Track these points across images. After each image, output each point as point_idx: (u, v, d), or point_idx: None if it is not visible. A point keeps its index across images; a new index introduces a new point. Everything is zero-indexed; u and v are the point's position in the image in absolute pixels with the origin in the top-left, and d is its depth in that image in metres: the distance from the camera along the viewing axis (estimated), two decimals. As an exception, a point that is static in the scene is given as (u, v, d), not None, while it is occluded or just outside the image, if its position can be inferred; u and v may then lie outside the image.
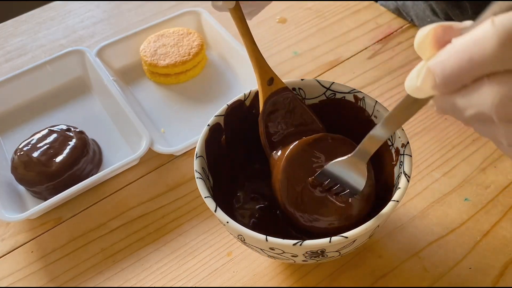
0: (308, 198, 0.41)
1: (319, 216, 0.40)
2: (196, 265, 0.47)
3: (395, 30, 0.67)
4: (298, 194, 0.41)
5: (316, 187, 0.41)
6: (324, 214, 0.40)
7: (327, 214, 0.40)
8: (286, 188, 0.41)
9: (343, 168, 0.39)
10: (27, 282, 0.47)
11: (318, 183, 0.41)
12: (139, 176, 0.55)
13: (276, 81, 0.45)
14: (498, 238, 0.46)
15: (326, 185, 0.40)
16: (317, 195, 0.41)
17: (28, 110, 0.63)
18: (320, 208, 0.40)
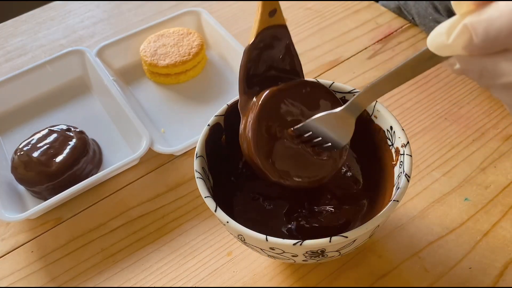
0: (283, 150, 0.39)
1: (291, 171, 0.39)
2: (196, 265, 0.47)
3: (395, 30, 0.67)
4: (271, 145, 0.39)
5: (294, 138, 0.39)
6: (298, 169, 0.39)
7: (301, 169, 0.39)
8: (258, 138, 0.38)
9: (330, 121, 0.37)
10: (27, 282, 0.47)
11: (297, 135, 0.39)
12: (139, 176, 0.55)
13: (278, 15, 0.40)
14: (498, 238, 0.46)
15: (307, 137, 0.38)
16: (293, 146, 0.39)
17: (28, 110, 0.63)
18: (294, 162, 0.39)
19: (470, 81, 0.59)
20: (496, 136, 0.53)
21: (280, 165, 0.39)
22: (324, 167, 0.40)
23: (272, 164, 0.39)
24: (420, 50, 0.28)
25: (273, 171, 0.39)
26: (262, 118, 0.39)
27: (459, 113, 0.56)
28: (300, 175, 0.40)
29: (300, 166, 0.40)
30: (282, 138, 0.39)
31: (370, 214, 0.42)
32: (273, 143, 0.39)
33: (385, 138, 0.42)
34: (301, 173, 0.40)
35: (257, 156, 0.39)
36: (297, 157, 0.40)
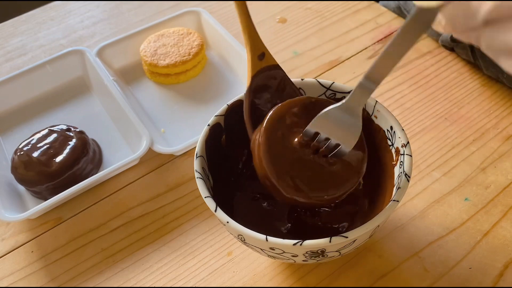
0: (295, 163, 0.38)
1: (306, 185, 0.38)
2: (196, 265, 0.47)
3: (395, 30, 0.67)
4: (282, 157, 0.38)
5: (303, 147, 0.38)
6: (313, 182, 0.38)
7: (316, 183, 0.38)
8: (268, 150, 0.38)
9: (337, 116, 0.36)
10: (27, 282, 0.47)
11: (306, 142, 0.38)
12: (139, 176, 0.55)
13: (268, 57, 0.42)
14: (498, 238, 0.46)
15: (316, 143, 0.37)
16: (304, 158, 0.38)
17: (28, 110, 0.63)
18: (308, 175, 0.38)
19: (470, 81, 0.59)
20: (496, 136, 0.53)
21: (294, 179, 0.38)
22: (339, 179, 0.38)
23: (285, 179, 0.38)
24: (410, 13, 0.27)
25: (286, 186, 0.38)
26: (269, 131, 0.39)
27: (459, 113, 0.56)
28: (315, 189, 0.38)
29: (316, 179, 0.38)
30: (293, 150, 0.38)
31: (370, 214, 0.42)
32: (284, 155, 0.38)
33: (385, 138, 0.42)
34: (316, 187, 0.38)
35: (267, 168, 0.38)
36: (311, 169, 0.38)
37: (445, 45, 0.62)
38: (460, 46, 0.60)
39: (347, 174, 0.39)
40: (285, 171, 0.38)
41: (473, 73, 0.60)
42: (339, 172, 0.38)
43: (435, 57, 0.63)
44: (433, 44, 0.64)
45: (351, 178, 0.39)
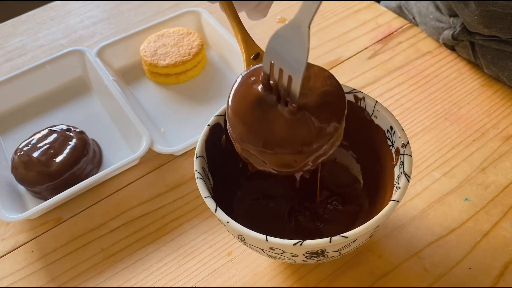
0: (261, 116, 0.36)
1: (275, 138, 0.35)
2: (196, 265, 0.47)
3: (395, 30, 0.67)
4: (249, 114, 0.36)
5: (266, 89, 0.36)
6: (283, 135, 0.35)
7: (286, 134, 0.35)
8: (234, 111, 0.36)
9: (285, 38, 0.33)
10: (27, 282, 0.47)
11: (267, 83, 0.36)
12: (139, 176, 0.55)
13: (262, 57, 0.42)
14: (498, 238, 0.46)
15: (272, 72, 0.35)
16: (270, 110, 0.35)
17: (28, 110, 0.63)
18: (276, 128, 0.35)
19: (470, 81, 0.59)
20: (496, 136, 0.53)
21: (260, 132, 0.35)
22: (313, 127, 0.35)
23: (251, 131, 0.36)
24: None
25: (254, 139, 0.36)
26: (234, 102, 0.37)
27: (459, 113, 0.56)
28: (285, 141, 0.35)
29: (284, 131, 0.35)
30: (260, 109, 0.36)
31: (370, 214, 0.42)
32: (253, 118, 0.36)
33: (385, 138, 0.42)
34: (286, 139, 0.35)
35: (234, 128, 0.36)
36: (281, 123, 0.35)
37: (446, 43, 0.62)
38: (461, 45, 0.60)
39: (321, 120, 0.35)
40: (258, 134, 0.36)
41: (473, 73, 0.60)
42: (312, 120, 0.35)
43: (435, 57, 0.63)
44: (433, 44, 0.64)
45: (328, 122, 0.35)
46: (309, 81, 0.37)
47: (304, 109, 0.35)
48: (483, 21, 0.53)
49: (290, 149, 0.35)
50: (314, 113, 0.35)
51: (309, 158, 0.36)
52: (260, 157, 0.37)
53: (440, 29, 0.61)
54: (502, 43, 0.54)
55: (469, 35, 0.57)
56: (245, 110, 0.37)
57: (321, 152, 0.36)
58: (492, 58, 0.56)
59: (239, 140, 0.37)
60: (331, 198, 0.46)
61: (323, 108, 0.36)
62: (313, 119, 0.35)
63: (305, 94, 0.36)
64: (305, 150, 0.35)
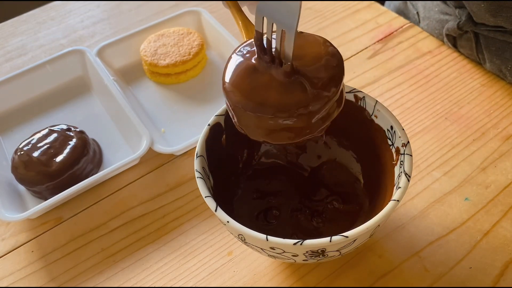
0: (255, 81, 0.35)
1: (269, 103, 0.34)
2: (196, 265, 0.47)
3: (395, 30, 0.67)
4: (244, 80, 0.35)
5: (261, 51, 0.35)
6: (277, 98, 0.34)
7: (281, 97, 0.34)
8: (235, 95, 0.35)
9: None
10: (27, 281, 0.47)
11: (260, 44, 0.35)
12: (139, 176, 0.55)
13: None
14: (498, 238, 0.46)
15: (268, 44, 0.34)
16: (264, 76, 0.35)
17: (28, 110, 0.63)
18: (272, 92, 0.34)
19: (471, 81, 0.59)
20: (497, 136, 0.53)
21: (256, 98, 0.35)
22: (308, 90, 0.34)
23: (247, 98, 0.35)
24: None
25: (251, 105, 0.35)
26: (229, 66, 0.37)
27: (460, 113, 0.56)
28: (280, 105, 0.34)
29: (280, 94, 0.34)
30: (254, 69, 0.35)
31: (370, 213, 0.42)
32: (245, 79, 0.35)
33: (385, 138, 0.42)
34: (281, 102, 0.34)
35: (231, 99, 0.35)
36: (273, 84, 0.34)
37: (449, 37, 0.61)
38: (464, 37, 0.59)
39: (318, 82, 0.34)
40: (254, 100, 0.35)
41: (474, 73, 0.60)
42: (309, 82, 0.34)
43: (435, 56, 0.63)
44: (433, 44, 0.64)
45: (325, 84, 0.34)
46: (305, 46, 0.36)
47: (300, 71, 0.34)
48: (489, 10, 0.53)
49: (288, 112, 0.34)
50: (311, 75, 0.34)
51: (310, 122, 0.35)
52: (259, 125, 0.35)
53: (444, 21, 0.61)
54: (508, 34, 0.54)
55: (474, 25, 0.57)
56: (240, 79, 0.36)
57: (321, 115, 0.35)
58: (496, 50, 0.56)
59: (236, 109, 0.36)
60: (331, 197, 0.46)
61: (320, 70, 0.35)
62: (309, 81, 0.34)
63: (300, 56, 0.35)
64: (302, 112, 0.34)
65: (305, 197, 0.47)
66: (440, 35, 0.63)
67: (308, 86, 0.34)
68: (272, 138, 0.36)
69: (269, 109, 0.34)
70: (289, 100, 0.34)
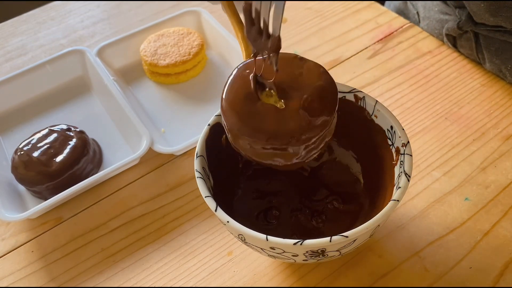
0: (256, 109, 0.36)
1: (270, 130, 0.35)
2: (196, 265, 0.47)
3: (395, 30, 0.67)
4: (244, 110, 0.36)
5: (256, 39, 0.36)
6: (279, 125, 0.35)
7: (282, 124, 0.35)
8: (231, 109, 0.36)
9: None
10: (27, 281, 0.47)
11: (248, 11, 0.35)
12: (140, 176, 0.55)
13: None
14: (498, 238, 0.46)
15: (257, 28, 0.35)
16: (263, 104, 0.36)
17: (28, 110, 0.63)
18: (272, 119, 0.35)
19: (470, 81, 0.59)
20: (497, 136, 0.53)
21: (251, 123, 0.36)
22: (305, 117, 0.35)
23: (242, 122, 0.36)
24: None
25: (245, 129, 0.36)
26: (228, 86, 0.37)
27: (460, 113, 0.56)
28: (274, 132, 0.35)
29: (274, 122, 0.35)
30: (252, 95, 0.36)
31: (370, 213, 0.42)
32: (245, 107, 0.36)
33: (385, 138, 0.42)
34: (275, 129, 0.35)
35: (226, 119, 0.36)
36: (269, 112, 0.35)
37: (449, 36, 0.61)
38: (464, 37, 0.59)
39: (312, 113, 0.35)
40: (249, 125, 0.36)
41: (474, 73, 0.60)
42: (303, 113, 0.35)
43: (435, 56, 0.63)
44: (433, 44, 0.64)
45: (318, 116, 0.35)
46: (303, 76, 0.37)
47: (296, 101, 0.36)
48: (489, 9, 0.53)
49: (279, 140, 0.35)
50: (307, 105, 0.36)
51: (299, 150, 0.36)
52: (252, 148, 0.37)
53: (444, 21, 0.61)
54: (507, 34, 0.54)
55: (474, 25, 0.57)
56: (237, 102, 0.37)
57: (312, 145, 0.36)
58: (496, 50, 0.56)
59: (232, 131, 0.37)
60: (331, 197, 0.46)
61: (315, 102, 0.36)
62: (304, 112, 0.35)
63: (297, 87, 0.36)
64: (293, 142, 0.35)
65: (305, 197, 0.47)
66: (440, 35, 0.63)
67: (302, 117, 0.35)
68: (263, 160, 0.38)
69: (262, 135, 0.35)
70: (284, 128, 0.35)
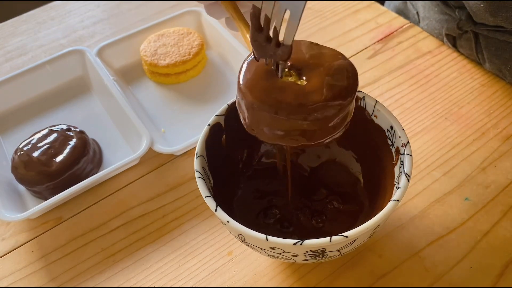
0: (269, 84, 0.35)
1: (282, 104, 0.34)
2: (196, 265, 0.47)
3: (395, 30, 0.67)
4: (259, 84, 0.36)
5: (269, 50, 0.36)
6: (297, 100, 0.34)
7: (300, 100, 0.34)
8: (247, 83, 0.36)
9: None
10: (27, 281, 0.47)
11: (255, 18, 0.35)
12: (140, 176, 0.55)
13: None
14: (498, 238, 0.46)
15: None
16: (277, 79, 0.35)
17: (28, 110, 0.63)
18: (285, 94, 0.35)
19: (470, 81, 0.59)
20: (497, 136, 0.53)
21: (270, 98, 0.35)
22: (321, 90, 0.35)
23: (261, 98, 0.35)
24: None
25: (265, 106, 0.35)
26: (245, 70, 0.37)
27: (460, 112, 0.56)
28: (294, 106, 0.34)
29: (294, 96, 0.35)
30: (268, 73, 0.36)
31: (370, 213, 0.42)
32: (266, 83, 0.36)
33: (385, 138, 0.42)
34: (296, 104, 0.35)
35: (245, 98, 0.36)
36: (287, 88, 0.35)
37: (449, 36, 0.61)
38: (464, 37, 0.59)
39: (333, 90, 0.35)
40: (268, 101, 0.35)
41: (474, 73, 0.60)
42: (323, 91, 0.35)
43: (435, 56, 0.63)
44: (433, 44, 0.64)
45: (338, 95, 0.35)
46: (322, 57, 0.37)
47: (316, 78, 0.35)
48: (489, 9, 0.53)
49: (298, 115, 0.34)
50: (327, 82, 0.35)
51: (321, 125, 0.35)
52: (272, 126, 0.36)
53: (443, 21, 0.61)
54: (507, 34, 0.54)
55: (474, 25, 0.57)
56: (256, 80, 0.36)
57: (333, 123, 0.36)
58: (496, 50, 0.56)
59: (253, 107, 0.36)
60: (331, 197, 0.47)
61: (337, 79, 0.35)
62: (327, 88, 0.35)
63: (317, 67, 0.36)
64: (312, 118, 0.34)
65: (305, 197, 0.47)
66: (440, 35, 0.63)
67: (326, 91, 0.35)
68: (283, 140, 0.36)
69: (285, 107, 0.34)
70: (307, 101, 0.34)
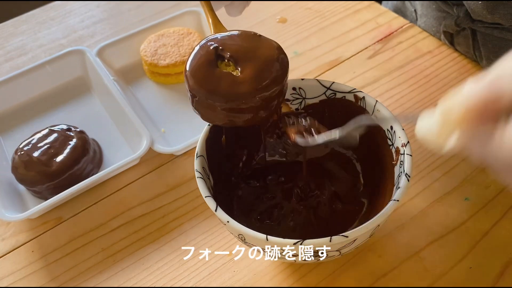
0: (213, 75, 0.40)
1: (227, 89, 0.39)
2: (196, 265, 0.47)
3: (395, 30, 0.67)
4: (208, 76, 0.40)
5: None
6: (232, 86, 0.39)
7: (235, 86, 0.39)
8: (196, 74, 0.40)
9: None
10: (27, 281, 0.47)
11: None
12: (140, 175, 0.55)
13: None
14: (498, 238, 0.46)
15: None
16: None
17: (28, 110, 0.63)
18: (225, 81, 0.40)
19: (470, 81, 0.59)
20: (496, 136, 0.53)
21: (207, 85, 0.40)
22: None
23: (200, 85, 0.40)
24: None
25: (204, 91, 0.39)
26: (192, 56, 0.43)
27: (459, 113, 0.56)
28: (227, 93, 0.39)
29: (228, 85, 0.40)
30: (210, 62, 0.41)
31: (370, 213, 0.42)
32: (204, 72, 0.41)
33: (385, 138, 0.42)
34: (228, 92, 0.39)
35: (188, 82, 0.40)
36: (224, 79, 0.40)
37: (446, 34, 0.61)
38: (462, 35, 0.59)
39: (261, 82, 0.39)
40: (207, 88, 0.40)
41: (473, 73, 0.60)
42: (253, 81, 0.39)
43: (435, 56, 0.63)
44: (433, 44, 0.64)
45: (267, 80, 0.40)
46: (259, 50, 0.41)
47: (249, 71, 0.40)
48: (487, 7, 0.53)
49: (230, 103, 0.39)
50: (257, 76, 0.39)
51: (250, 110, 0.40)
52: (205, 107, 0.40)
53: (441, 19, 0.61)
54: (505, 31, 0.54)
55: (471, 22, 0.57)
56: (198, 68, 0.41)
57: (261, 107, 0.40)
58: (493, 47, 0.56)
59: (192, 93, 0.40)
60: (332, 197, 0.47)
61: (265, 72, 0.40)
62: (255, 79, 0.39)
63: (253, 57, 0.40)
64: (243, 104, 0.39)
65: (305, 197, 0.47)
66: (438, 33, 0.63)
67: (253, 83, 0.39)
68: (218, 120, 0.41)
69: (216, 96, 0.39)
70: (236, 91, 0.39)
